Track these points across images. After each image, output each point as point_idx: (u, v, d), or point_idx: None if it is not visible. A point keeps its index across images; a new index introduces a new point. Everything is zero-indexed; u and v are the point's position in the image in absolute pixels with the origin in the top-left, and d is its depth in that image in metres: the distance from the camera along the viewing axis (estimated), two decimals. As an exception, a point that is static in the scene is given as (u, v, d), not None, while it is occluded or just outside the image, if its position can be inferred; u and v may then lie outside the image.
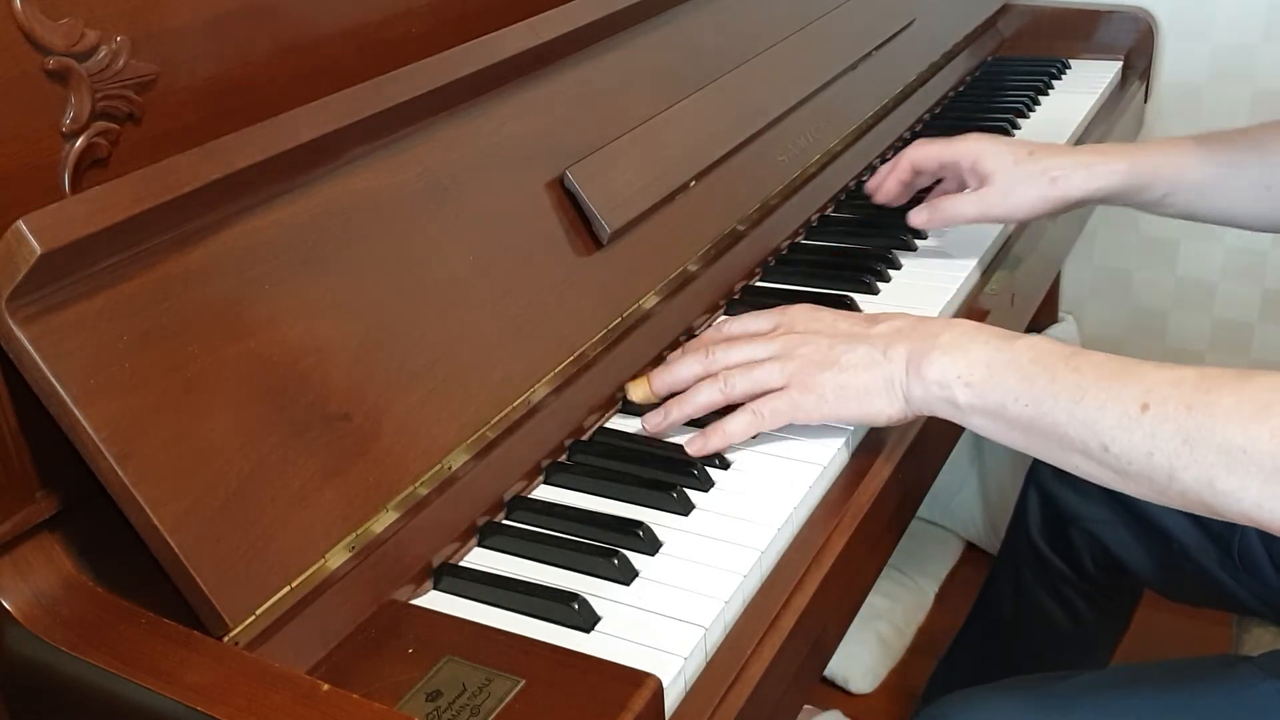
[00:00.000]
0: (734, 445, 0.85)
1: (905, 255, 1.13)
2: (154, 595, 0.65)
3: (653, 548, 0.76)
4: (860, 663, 1.60)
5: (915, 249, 1.14)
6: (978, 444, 1.79)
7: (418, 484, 0.74)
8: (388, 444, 0.73)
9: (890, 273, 1.10)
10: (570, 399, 0.87)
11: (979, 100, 1.51)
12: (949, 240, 1.14)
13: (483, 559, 0.78)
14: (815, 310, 0.88)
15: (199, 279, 0.68)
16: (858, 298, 1.05)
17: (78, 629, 0.64)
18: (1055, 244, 1.35)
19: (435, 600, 0.74)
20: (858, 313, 0.87)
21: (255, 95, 0.81)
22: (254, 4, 0.80)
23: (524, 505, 0.81)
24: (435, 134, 0.84)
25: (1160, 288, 1.77)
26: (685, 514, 0.80)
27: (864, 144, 1.30)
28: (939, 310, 1.03)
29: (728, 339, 0.89)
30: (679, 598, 0.72)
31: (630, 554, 0.75)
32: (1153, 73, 1.65)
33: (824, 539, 0.79)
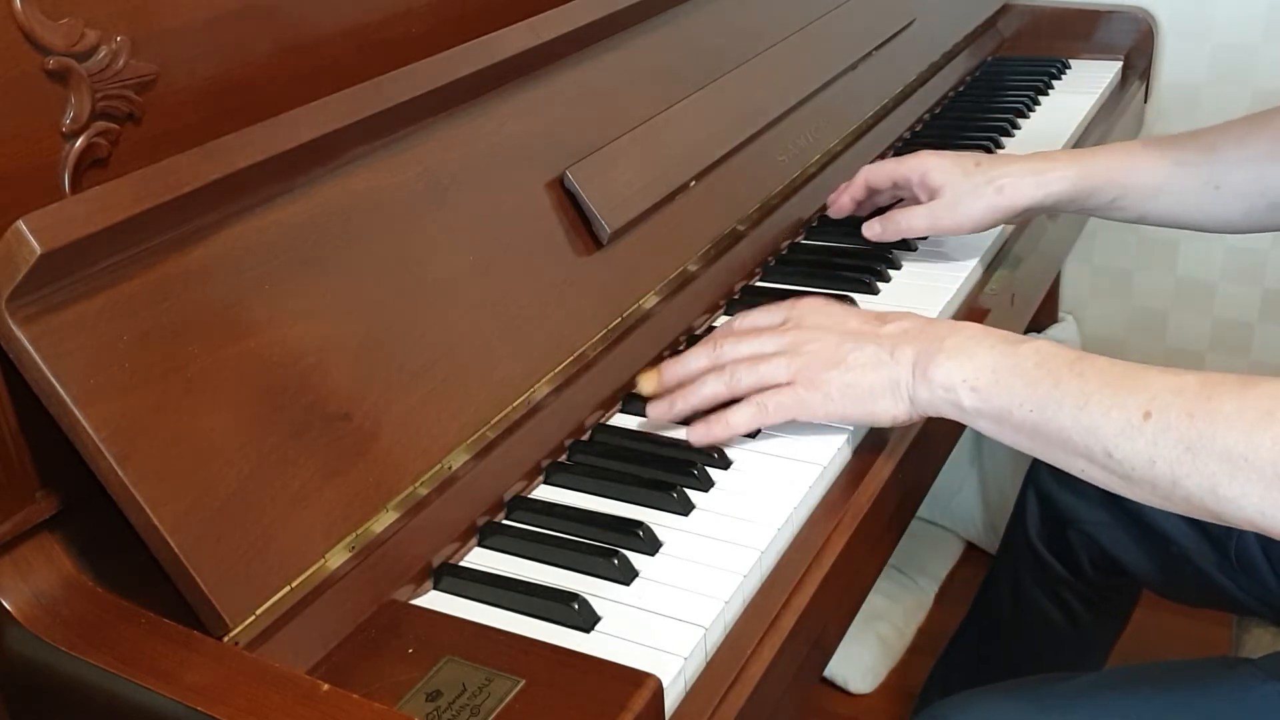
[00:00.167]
0: (734, 442, 0.86)
1: (905, 255, 1.13)
2: (154, 595, 0.65)
3: (653, 548, 0.76)
4: (860, 663, 1.60)
5: (915, 249, 1.14)
6: (978, 444, 1.79)
7: (418, 484, 0.74)
8: (388, 444, 0.73)
9: (890, 273, 1.10)
10: (570, 399, 0.87)
11: (979, 100, 1.51)
12: (949, 241, 1.14)
13: (483, 559, 0.78)
14: (826, 305, 0.88)
15: (199, 279, 0.68)
16: (858, 298, 1.05)
17: (78, 629, 0.64)
18: (1055, 244, 1.35)
19: (435, 600, 0.74)
20: (867, 310, 0.87)
21: (255, 95, 0.81)
22: (254, 4, 0.80)
23: (524, 505, 0.81)
24: (435, 134, 0.84)
25: (1160, 288, 1.77)
26: (685, 514, 0.80)
27: (864, 144, 1.30)
28: (939, 310, 1.03)
29: (737, 333, 0.89)
30: (679, 598, 0.72)
31: (630, 554, 0.75)
32: (1153, 73, 1.65)
33: (824, 539, 0.79)
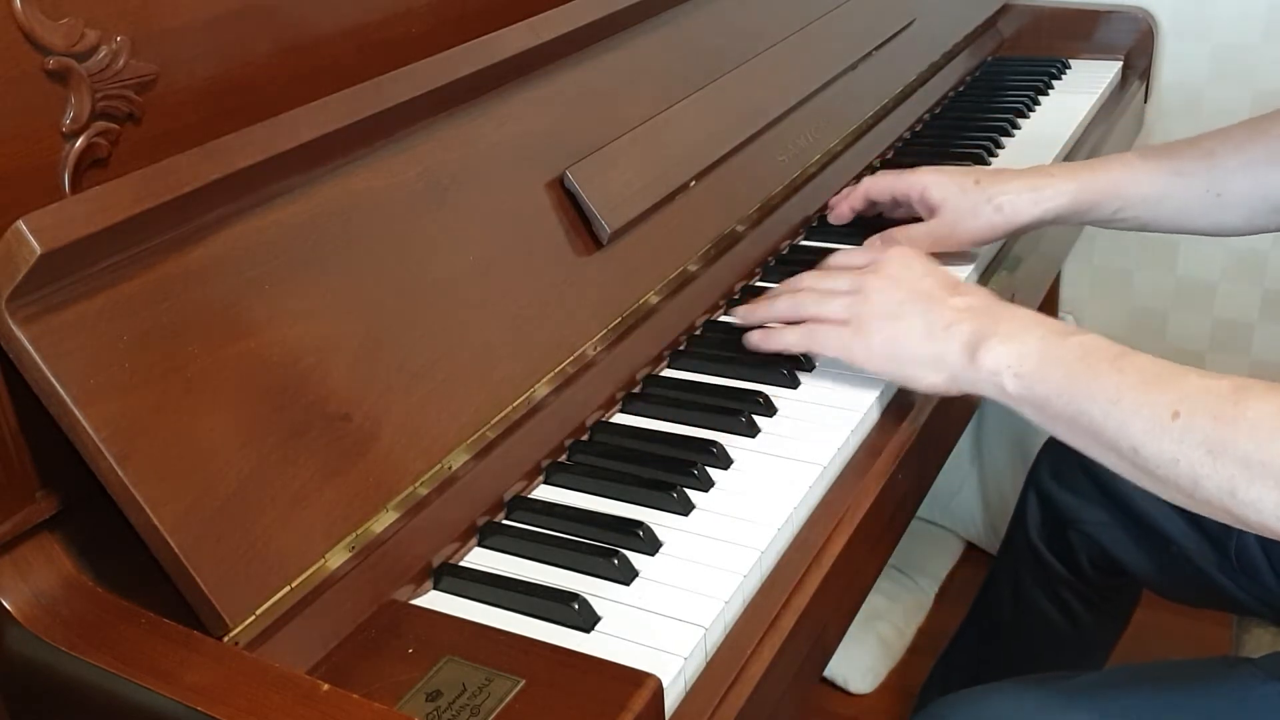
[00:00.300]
0: (734, 441, 0.86)
1: (905, 255, 1.13)
2: (154, 595, 0.65)
3: (653, 548, 0.76)
4: (860, 663, 1.60)
5: (915, 249, 1.14)
6: (978, 444, 1.79)
7: (418, 484, 0.74)
8: (388, 444, 0.73)
9: (890, 273, 1.10)
10: (570, 399, 0.87)
11: (979, 100, 1.51)
12: (949, 241, 1.14)
13: (483, 559, 0.78)
14: (911, 260, 0.90)
15: (199, 279, 0.68)
16: (857, 298, 1.05)
17: (78, 629, 0.64)
18: (1055, 244, 1.35)
19: (435, 600, 0.74)
20: (947, 275, 0.89)
21: (255, 95, 0.81)
22: (254, 4, 0.80)
23: (524, 505, 0.81)
24: (435, 134, 0.84)
25: (1160, 288, 1.77)
26: (685, 514, 0.80)
27: (864, 144, 1.30)
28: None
29: (824, 267, 0.96)
30: (679, 598, 0.72)
31: (630, 554, 0.75)
32: (1153, 73, 1.65)
33: (824, 539, 0.79)
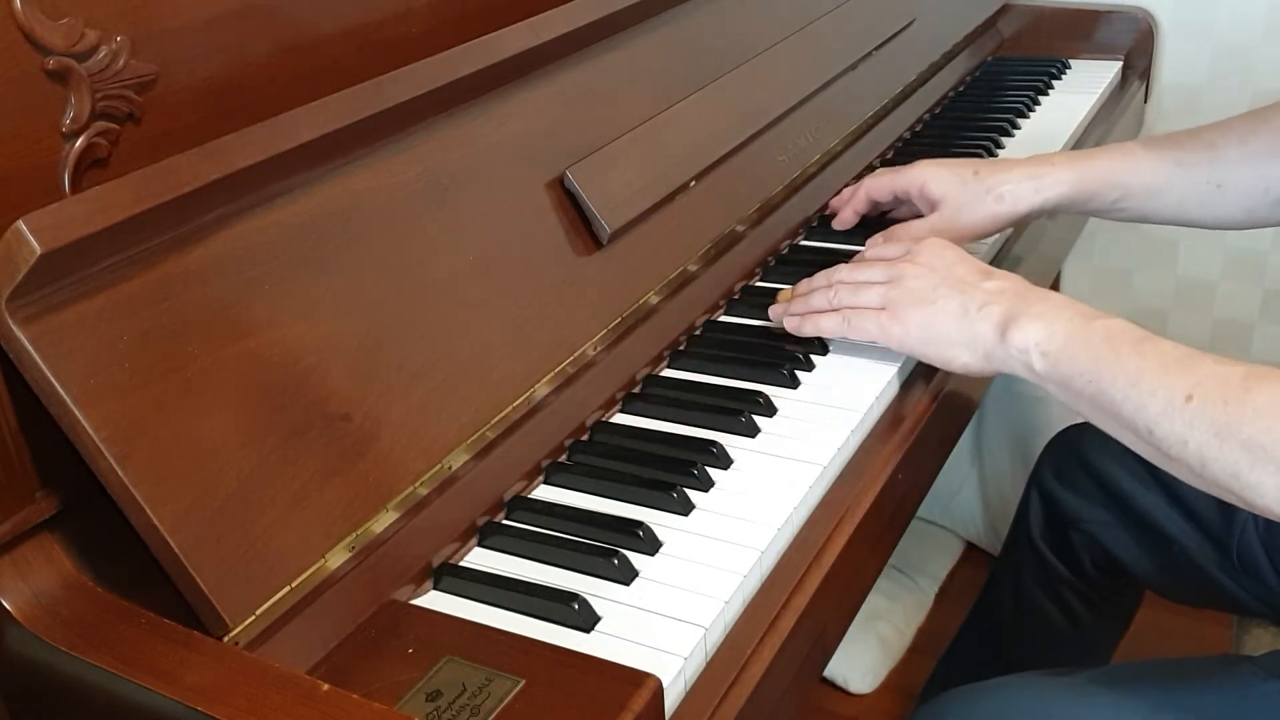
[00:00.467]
0: (735, 441, 0.86)
1: (905, 255, 1.13)
2: (154, 595, 0.65)
3: (653, 548, 0.76)
4: (860, 663, 1.60)
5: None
6: (978, 444, 1.79)
7: (418, 484, 0.74)
8: (388, 444, 0.73)
9: (890, 273, 1.10)
10: (570, 399, 0.87)
11: (979, 100, 1.51)
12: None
13: (483, 559, 0.78)
14: (943, 248, 0.93)
15: (199, 279, 0.68)
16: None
17: (78, 629, 0.64)
18: (1055, 244, 1.35)
19: (435, 600, 0.74)
20: (979, 262, 0.92)
21: (255, 95, 0.81)
22: (254, 4, 0.80)
23: (524, 505, 0.81)
24: (435, 134, 0.84)
25: (1160, 288, 1.77)
26: (685, 514, 0.80)
27: (864, 144, 1.30)
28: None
29: (858, 260, 0.98)
30: (679, 598, 0.72)
31: (630, 554, 0.75)
32: (1153, 73, 1.65)
33: (824, 539, 0.79)
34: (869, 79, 1.33)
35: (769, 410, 0.90)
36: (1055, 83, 1.55)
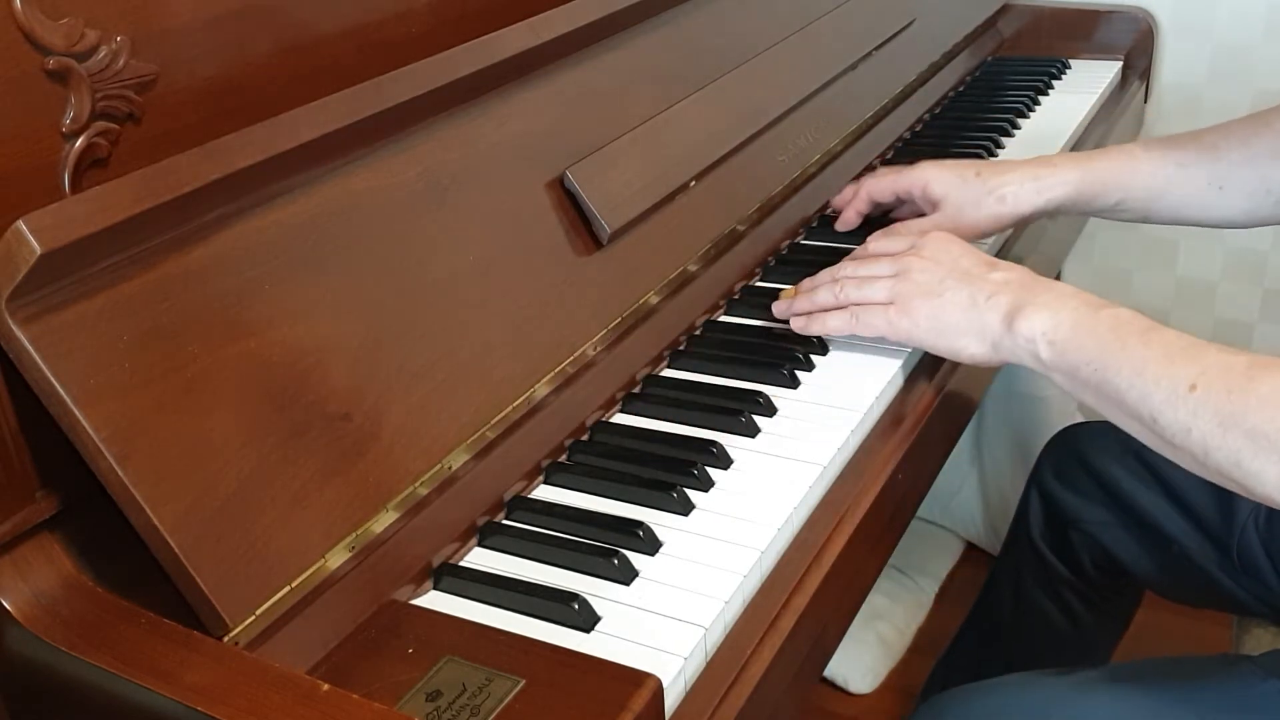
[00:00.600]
0: (735, 441, 0.86)
1: (905, 255, 1.13)
2: (154, 595, 0.65)
3: (653, 548, 0.76)
4: (860, 663, 1.60)
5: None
6: (978, 444, 1.79)
7: (418, 484, 0.74)
8: (388, 444, 0.73)
9: (890, 273, 1.10)
10: (570, 399, 0.87)
11: (979, 100, 1.51)
12: (949, 240, 1.14)
13: (483, 559, 0.78)
14: (948, 241, 0.93)
15: (199, 279, 0.68)
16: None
17: (78, 629, 0.64)
18: (1055, 244, 1.35)
19: (435, 600, 0.74)
20: (984, 254, 0.92)
21: (255, 95, 0.81)
22: (254, 4, 0.80)
23: (524, 505, 0.81)
24: (435, 134, 0.84)
25: (1160, 288, 1.77)
26: (685, 514, 0.80)
27: (864, 144, 1.30)
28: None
29: (862, 254, 0.97)
30: (679, 598, 0.72)
31: (630, 554, 0.75)
32: (1153, 73, 1.65)
33: (824, 539, 0.79)
34: (869, 79, 1.33)
35: (769, 410, 0.90)
36: (1055, 83, 1.55)
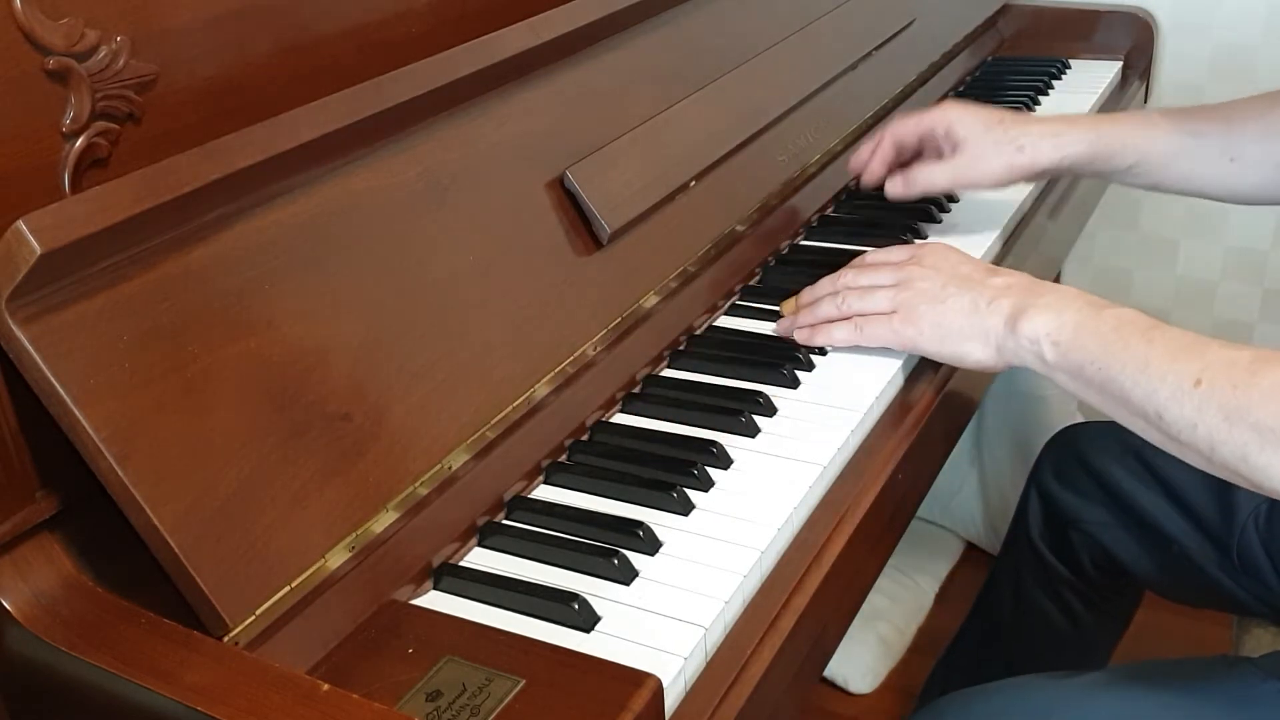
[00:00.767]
0: (735, 441, 0.86)
1: (905, 255, 1.13)
2: (154, 595, 0.65)
3: (653, 548, 0.76)
4: (860, 663, 1.60)
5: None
6: (978, 444, 1.79)
7: (418, 484, 0.74)
8: (388, 444, 0.73)
9: (890, 273, 1.10)
10: (570, 399, 0.87)
11: (979, 100, 1.50)
12: (949, 241, 1.14)
13: (483, 559, 0.78)
14: (947, 250, 0.94)
15: (199, 279, 0.68)
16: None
17: (78, 629, 0.64)
18: (1055, 244, 1.35)
19: (435, 600, 0.74)
20: (983, 262, 0.93)
21: (255, 95, 0.81)
22: (254, 4, 0.80)
23: (524, 505, 0.81)
24: (435, 134, 0.84)
25: (1160, 288, 1.77)
26: (685, 514, 0.80)
27: (864, 144, 1.30)
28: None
29: (862, 265, 0.97)
30: (679, 598, 0.72)
31: (630, 554, 0.75)
32: (1153, 73, 1.65)
33: (824, 539, 0.79)
34: (869, 79, 1.33)
35: (769, 410, 0.90)
36: (1055, 83, 1.55)
